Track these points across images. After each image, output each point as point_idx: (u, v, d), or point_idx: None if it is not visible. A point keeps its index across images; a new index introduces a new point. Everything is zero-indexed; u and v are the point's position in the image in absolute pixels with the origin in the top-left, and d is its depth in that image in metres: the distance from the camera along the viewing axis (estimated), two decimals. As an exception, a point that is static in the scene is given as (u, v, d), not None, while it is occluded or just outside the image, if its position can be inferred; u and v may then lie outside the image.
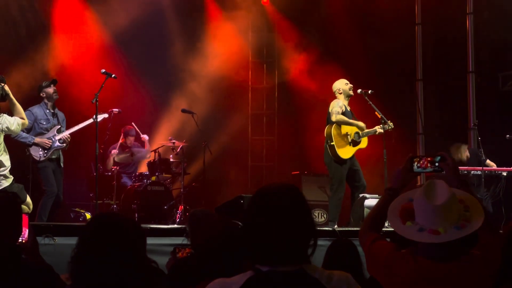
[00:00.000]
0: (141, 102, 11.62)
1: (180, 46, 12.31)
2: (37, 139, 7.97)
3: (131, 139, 10.71)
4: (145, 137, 10.69)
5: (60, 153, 8.21)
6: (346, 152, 8.58)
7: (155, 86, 11.97)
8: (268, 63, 13.32)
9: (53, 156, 8.10)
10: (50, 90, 8.16)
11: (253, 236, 2.23)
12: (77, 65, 10.96)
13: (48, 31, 11.29)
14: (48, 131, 8.13)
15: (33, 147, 7.96)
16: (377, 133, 8.70)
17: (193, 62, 12.38)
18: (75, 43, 11.34)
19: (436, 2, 12.09)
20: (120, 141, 10.69)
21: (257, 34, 13.17)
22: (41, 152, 7.98)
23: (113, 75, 8.17)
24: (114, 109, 9.44)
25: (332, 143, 8.51)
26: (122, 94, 10.87)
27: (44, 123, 8.14)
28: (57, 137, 8.13)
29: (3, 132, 6.92)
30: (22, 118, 7.07)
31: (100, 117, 8.52)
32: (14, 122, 6.95)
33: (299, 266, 2.20)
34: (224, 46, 12.69)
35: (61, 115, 8.39)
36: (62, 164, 8.24)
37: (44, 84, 8.23)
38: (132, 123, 10.67)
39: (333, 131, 8.56)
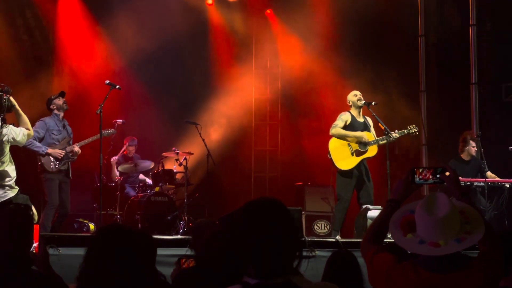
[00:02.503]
0: (145, 113, 11.67)
1: (184, 57, 12.36)
2: (50, 150, 8.11)
3: (130, 149, 10.75)
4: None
5: (69, 164, 8.33)
6: (347, 163, 8.63)
7: (159, 97, 12.01)
8: (271, 73, 13.36)
9: (63, 168, 8.23)
10: (60, 101, 8.31)
11: (241, 250, 2.24)
12: (83, 77, 11.02)
13: (52, 42, 11.39)
14: (59, 142, 8.28)
15: (46, 157, 8.10)
16: (391, 138, 8.66)
17: (196, 72, 12.44)
18: (81, 55, 11.42)
19: (439, 14, 12.12)
20: (124, 152, 10.75)
21: (260, 45, 13.22)
22: (52, 163, 8.11)
23: (117, 86, 8.22)
24: (118, 120, 9.50)
25: (330, 157, 8.68)
26: (126, 105, 10.91)
27: (56, 133, 8.28)
28: (68, 149, 8.26)
29: (9, 143, 6.92)
30: (28, 129, 7.07)
31: (108, 133, 8.91)
32: (20, 133, 6.94)
33: (286, 278, 2.22)
34: (228, 56, 12.76)
35: (69, 129, 8.52)
36: (70, 176, 8.35)
37: (52, 97, 8.38)
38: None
39: (332, 144, 8.72)
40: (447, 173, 2.92)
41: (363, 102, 8.78)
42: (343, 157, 8.64)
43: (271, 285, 2.21)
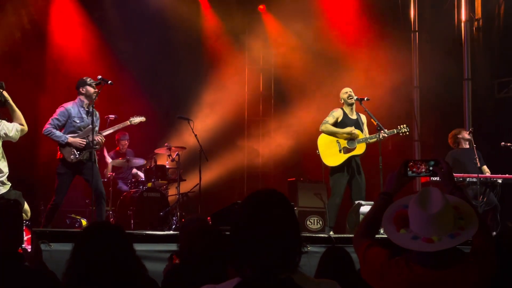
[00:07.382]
0: (137, 109, 11.60)
1: (177, 53, 12.33)
2: (71, 139, 7.72)
3: (122, 144, 10.73)
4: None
5: (93, 153, 7.89)
6: (334, 160, 8.69)
7: (152, 93, 11.99)
8: (264, 70, 13.35)
9: (84, 158, 7.82)
10: (91, 89, 7.90)
11: (243, 244, 2.21)
12: (73, 71, 10.97)
13: (44, 37, 11.36)
14: (81, 130, 7.86)
15: (66, 147, 7.72)
16: (380, 137, 8.65)
17: (189, 68, 12.41)
18: (71, 49, 11.39)
19: (432, 10, 12.13)
20: (116, 148, 10.73)
21: (253, 42, 13.20)
22: (73, 153, 7.75)
23: (109, 82, 8.12)
24: (110, 116, 9.43)
25: (318, 152, 8.78)
26: (118, 100, 10.87)
27: (78, 121, 7.85)
28: (91, 138, 7.82)
29: (1, 139, 6.86)
30: (22, 124, 6.99)
31: (138, 120, 8.84)
32: (13, 128, 6.87)
33: (287, 274, 2.19)
34: (221, 53, 12.73)
35: (96, 114, 8.02)
36: (96, 163, 7.96)
37: (88, 81, 7.93)
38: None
39: (321, 140, 8.82)
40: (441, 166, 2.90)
41: (354, 98, 8.79)
42: (331, 153, 8.71)
43: (271, 281, 2.17)
